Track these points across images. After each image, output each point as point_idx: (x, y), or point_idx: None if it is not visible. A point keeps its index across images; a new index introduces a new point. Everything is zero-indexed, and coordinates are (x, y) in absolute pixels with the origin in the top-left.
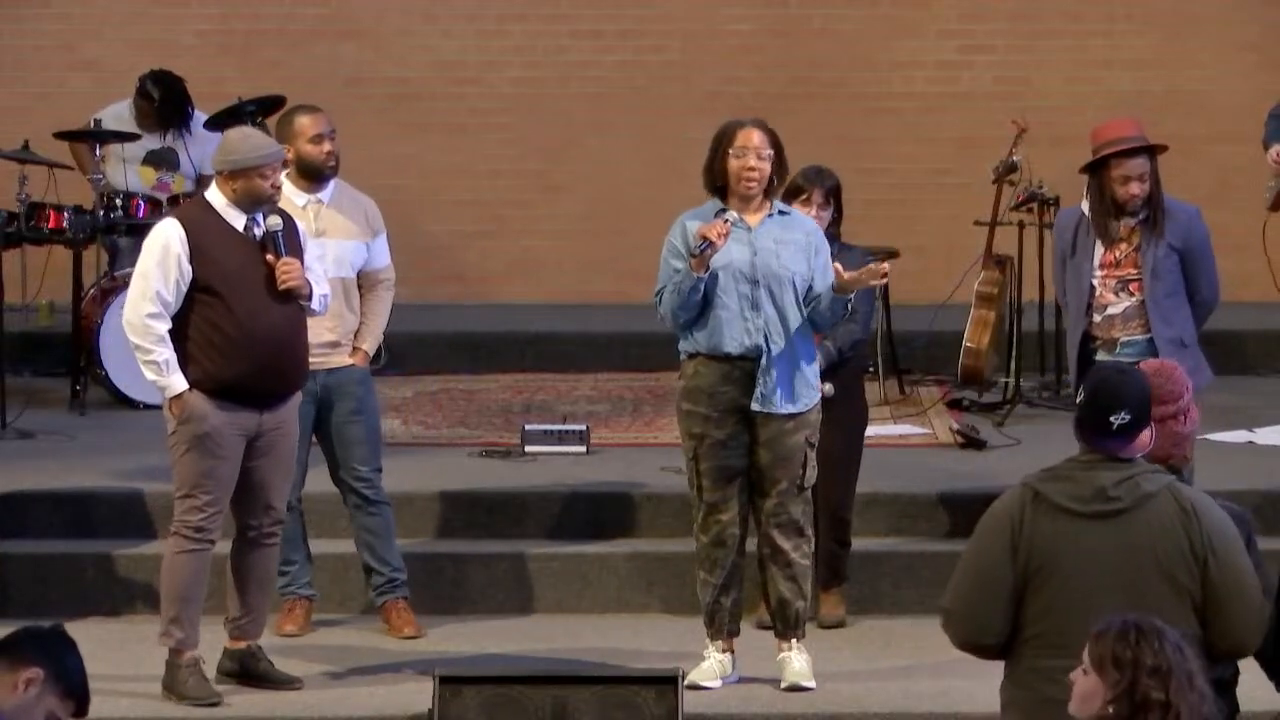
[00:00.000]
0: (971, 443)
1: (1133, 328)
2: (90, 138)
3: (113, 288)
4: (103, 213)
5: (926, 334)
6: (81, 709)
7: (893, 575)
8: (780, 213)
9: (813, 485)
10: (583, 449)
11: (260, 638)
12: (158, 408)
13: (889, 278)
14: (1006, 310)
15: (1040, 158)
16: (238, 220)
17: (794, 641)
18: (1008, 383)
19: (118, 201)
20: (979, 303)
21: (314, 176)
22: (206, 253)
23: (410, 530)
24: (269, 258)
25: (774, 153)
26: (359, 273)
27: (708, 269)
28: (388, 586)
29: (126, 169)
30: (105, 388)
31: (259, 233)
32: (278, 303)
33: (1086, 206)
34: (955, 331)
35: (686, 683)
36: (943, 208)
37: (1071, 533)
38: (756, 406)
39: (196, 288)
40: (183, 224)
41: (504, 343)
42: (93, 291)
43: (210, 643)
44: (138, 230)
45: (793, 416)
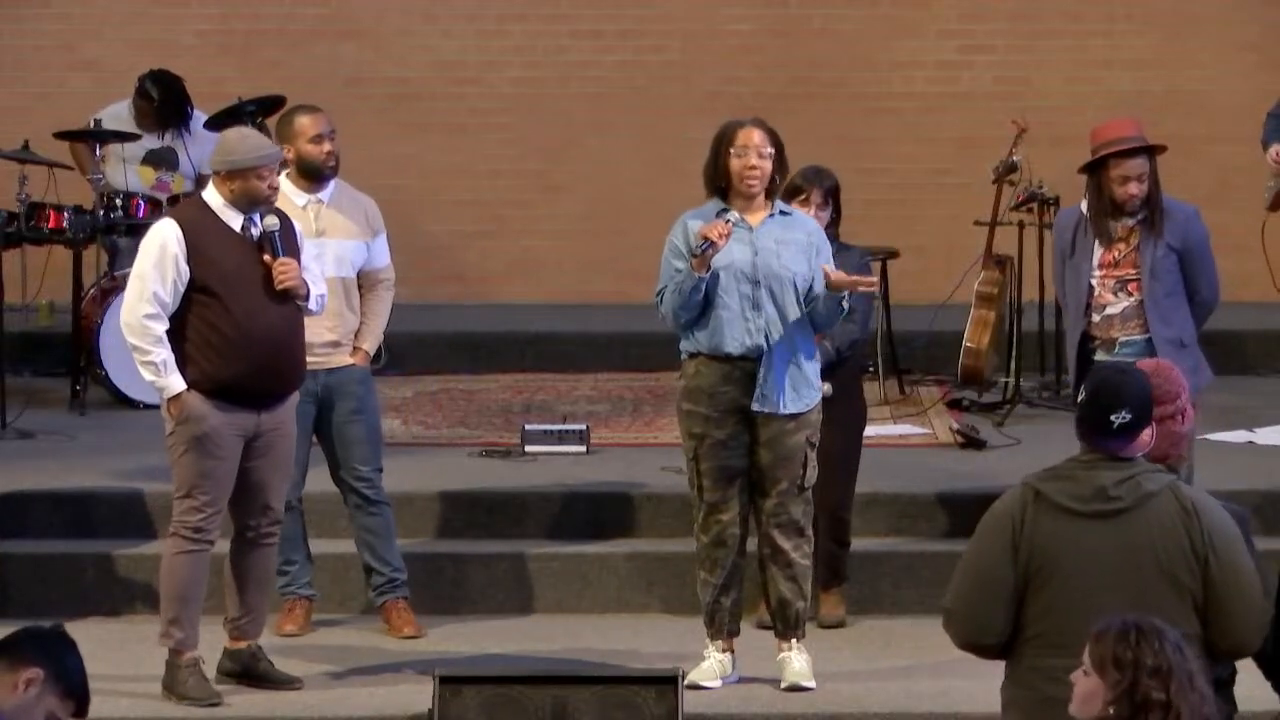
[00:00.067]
0: (971, 443)
1: (1131, 328)
2: (90, 138)
3: (113, 288)
4: (103, 213)
5: (926, 334)
6: (82, 709)
7: (893, 575)
8: (782, 213)
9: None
10: (583, 449)
11: (260, 638)
12: (158, 408)
13: (890, 279)
14: (1006, 310)
15: (1040, 158)
16: (235, 221)
17: (794, 641)
18: (1008, 383)
19: (118, 201)
20: (979, 303)
21: (314, 176)
22: (204, 253)
23: (410, 530)
24: (266, 258)
25: (774, 151)
26: (359, 272)
27: (709, 269)
28: (388, 586)
29: (126, 169)
30: (105, 388)
31: (256, 233)
32: (275, 303)
33: (1086, 206)
34: (955, 331)
35: (686, 683)
36: (943, 208)
37: (1072, 532)
38: (757, 407)
39: (194, 288)
40: (180, 224)
41: (504, 343)
42: (93, 291)
43: (210, 643)
44: (137, 230)
45: (794, 417)
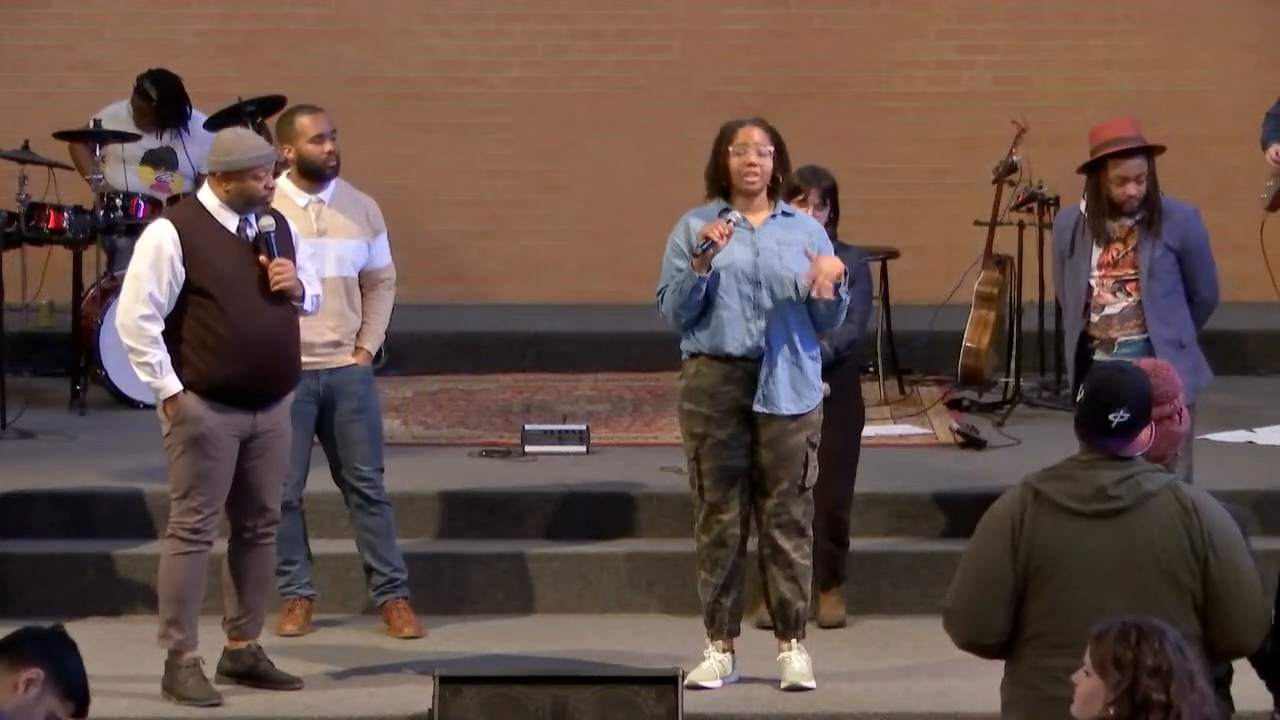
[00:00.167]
0: (971, 443)
1: (1130, 328)
2: (90, 138)
3: (112, 288)
4: (102, 213)
5: (926, 334)
6: (81, 709)
7: (892, 575)
8: (784, 214)
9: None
10: (583, 449)
11: (259, 637)
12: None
13: (890, 279)
14: (1006, 310)
15: (1040, 158)
16: (230, 221)
17: (794, 641)
18: (1008, 383)
19: (117, 201)
20: (979, 303)
21: (315, 176)
22: (199, 254)
23: (410, 530)
24: (262, 259)
25: (775, 149)
26: (360, 272)
27: (710, 269)
28: (388, 586)
29: (126, 169)
30: (105, 388)
31: (251, 234)
32: (270, 304)
33: (1084, 206)
34: (955, 331)
35: (686, 683)
36: (943, 208)
37: (1072, 532)
38: (759, 407)
39: (189, 289)
40: (175, 225)
41: (504, 343)
42: (93, 291)
43: (210, 643)
44: (137, 230)
45: (795, 417)
